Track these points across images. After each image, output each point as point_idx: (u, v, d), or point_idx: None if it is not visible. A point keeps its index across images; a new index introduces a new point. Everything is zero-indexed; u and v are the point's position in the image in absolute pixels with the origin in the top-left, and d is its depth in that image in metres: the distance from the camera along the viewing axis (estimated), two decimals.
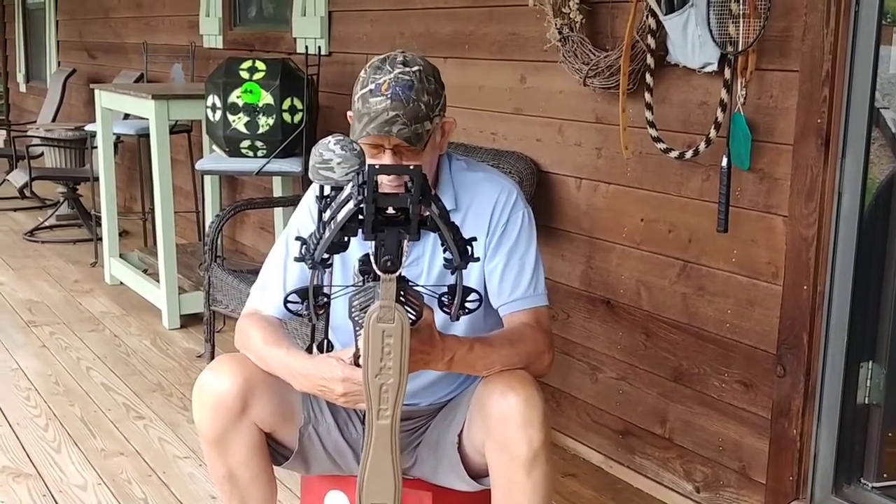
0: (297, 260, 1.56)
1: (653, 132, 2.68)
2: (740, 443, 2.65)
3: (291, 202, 4.08)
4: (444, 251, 1.53)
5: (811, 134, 2.35)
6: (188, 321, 4.42)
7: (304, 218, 2.03)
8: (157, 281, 4.52)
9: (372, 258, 1.44)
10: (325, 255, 1.52)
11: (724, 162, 2.47)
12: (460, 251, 1.51)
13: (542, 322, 1.96)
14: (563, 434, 3.18)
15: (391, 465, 1.53)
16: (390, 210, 1.45)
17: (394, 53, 1.88)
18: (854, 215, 2.36)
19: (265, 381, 1.91)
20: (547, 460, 1.80)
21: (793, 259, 2.43)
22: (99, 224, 5.36)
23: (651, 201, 2.83)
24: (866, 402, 2.52)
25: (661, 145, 2.67)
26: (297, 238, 1.59)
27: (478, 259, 1.60)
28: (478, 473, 1.93)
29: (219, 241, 3.95)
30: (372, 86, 1.81)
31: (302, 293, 1.60)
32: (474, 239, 1.56)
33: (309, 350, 1.87)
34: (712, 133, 2.52)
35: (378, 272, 1.43)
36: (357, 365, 1.68)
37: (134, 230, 6.16)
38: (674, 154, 2.65)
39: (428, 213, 1.47)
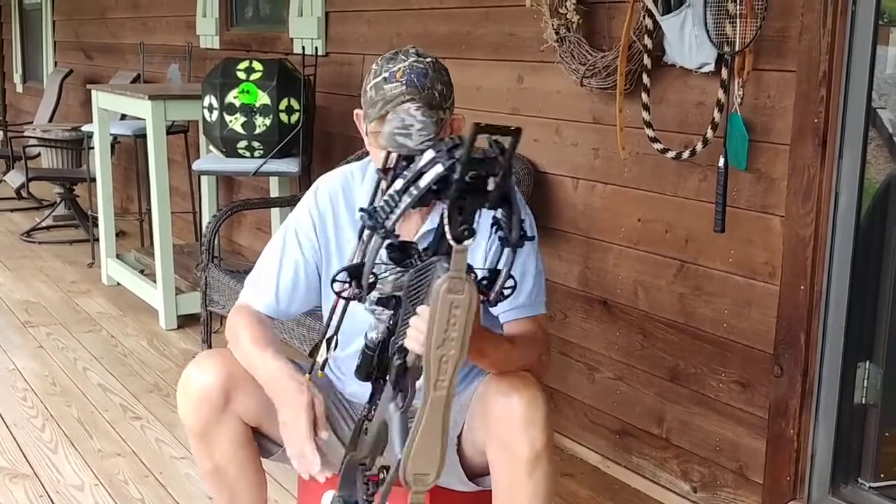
0: (369, 229, 1.51)
1: (650, 132, 2.68)
2: (737, 443, 2.65)
3: (288, 202, 4.08)
4: (497, 230, 1.50)
5: (808, 134, 2.35)
6: (185, 322, 4.42)
7: (304, 217, 2.03)
8: (154, 281, 4.52)
9: (447, 226, 1.40)
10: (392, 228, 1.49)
11: (721, 162, 2.47)
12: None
13: (542, 328, 1.99)
14: (561, 434, 3.18)
15: (440, 437, 1.51)
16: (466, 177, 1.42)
17: (406, 47, 1.89)
18: (851, 215, 2.36)
19: (249, 374, 1.92)
20: (549, 461, 1.80)
21: (790, 259, 2.44)
22: (96, 224, 5.36)
23: (648, 201, 2.83)
24: (863, 402, 2.52)
25: (658, 145, 2.67)
26: (362, 210, 1.53)
27: (533, 237, 1.58)
28: (476, 473, 1.93)
29: (216, 242, 3.94)
30: (386, 74, 1.82)
31: (353, 271, 1.56)
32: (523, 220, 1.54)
33: (316, 347, 1.85)
34: (709, 133, 2.52)
35: (451, 241, 1.40)
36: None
37: (131, 231, 6.15)
38: (671, 154, 2.65)
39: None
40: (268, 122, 3.95)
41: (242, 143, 3.99)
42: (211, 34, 5.39)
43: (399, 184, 1.48)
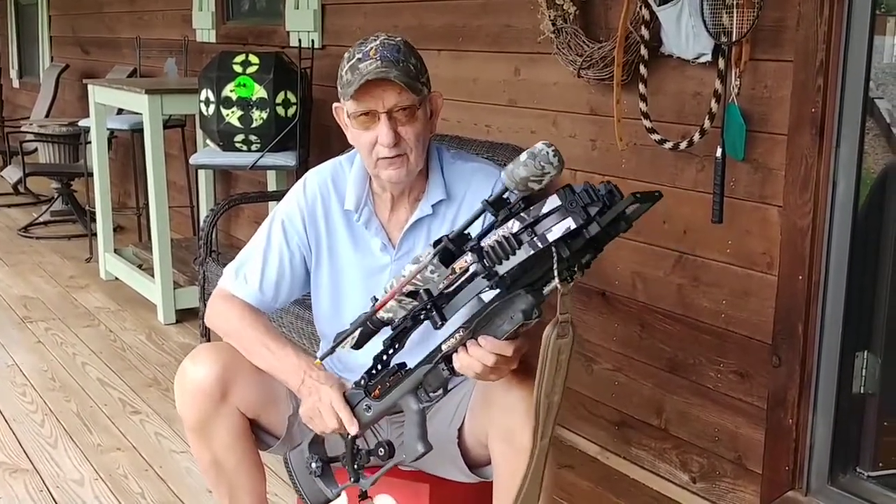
0: (476, 273, 1.51)
1: (647, 123, 2.68)
2: (736, 433, 2.65)
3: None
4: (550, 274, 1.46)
5: (805, 124, 2.35)
6: (183, 316, 4.42)
7: (292, 208, 2.02)
8: (152, 276, 4.52)
9: (556, 267, 1.41)
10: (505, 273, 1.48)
11: (719, 152, 2.47)
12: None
13: None
14: (560, 425, 3.19)
15: (539, 484, 1.55)
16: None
17: (374, 34, 1.89)
18: (849, 205, 2.36)
19: (246, 367, 1.93)
20: (551, 453, 1.80)
21: (788, 249, 2.44)
22: (93, 219, 5.36)
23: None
24: (862, 391, 2.52)
25: (655, 136, 2.67)
26: (473, 249, 1.50)
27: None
28: (477, 464, 1.93)
29: (213, 236, 3.94)
30: (359, 55, 1.84)
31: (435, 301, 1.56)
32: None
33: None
34: (707, 124, 2.52)
35: (558, 283, 1.41)
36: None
37: (128, 225, 6.15)
38: (668, 145, 2.65)
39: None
40: (264, 115, 3.94)
41: (239, 137, 3.98)
42: (207, 28, 5.38)
43: (515, 226, 1.46)
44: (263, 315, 2.01)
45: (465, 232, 1.55)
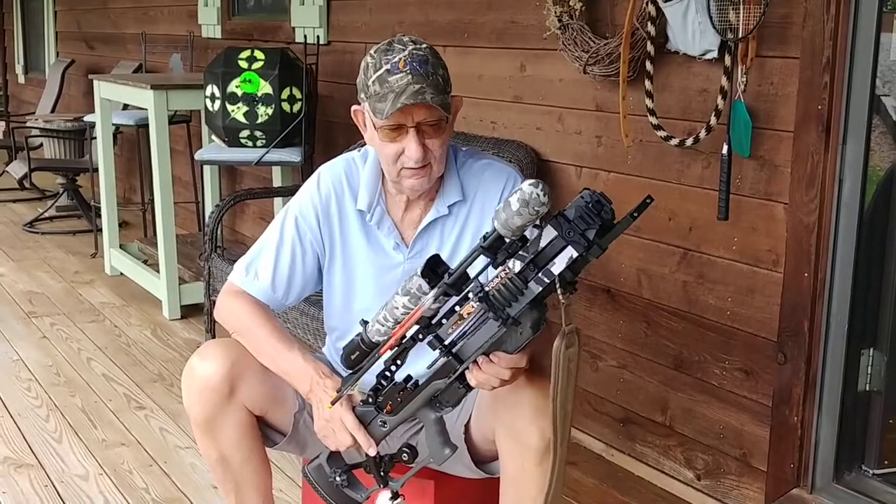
0: (487, 318, 1.55)
1: (653, 120, 2.67)
2: (741, 430, 2.65)
3: (291, 192, 4.06)
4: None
5: (812, 121, 2.34)
6: (189, 311, 4.42)
7: (305, 204, 2.01)
8: (158, 271, 4.52)
9: (559, 288, 1.45)
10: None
11: (725, 149, 2.46)
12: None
13: None
14: None
15: (562, 483, 1.59)
16: None
17: (397, 36, 1.87)
18: (855, 202, 2.36)
19: (254, 364, 1.93)
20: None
21: (793, 246, 2.43)
22: (99, 215, 5.36)
23: (651, 189, 2.81)
24: (867, 389, 2.52)
25: (661, 133, 2.67)
26: (480, 298, 1.52)
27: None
28: (483, 459, 1.93)
29: (219, 232, 3.95)
30: (388, 66, 1.79)
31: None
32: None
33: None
34: (713, 120, 2.51)
35: (562, 300, 1.45)
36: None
37: (134, 221, 6.16)
38: (674, 142, 2.64)
39: None
40: (270, 111, 3.94)
41: (244, 133, 3.98)
42: (213, 23, 5.38)
43: (517, 265, 1.48)
44: (273, 314, 2.01)
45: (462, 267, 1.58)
